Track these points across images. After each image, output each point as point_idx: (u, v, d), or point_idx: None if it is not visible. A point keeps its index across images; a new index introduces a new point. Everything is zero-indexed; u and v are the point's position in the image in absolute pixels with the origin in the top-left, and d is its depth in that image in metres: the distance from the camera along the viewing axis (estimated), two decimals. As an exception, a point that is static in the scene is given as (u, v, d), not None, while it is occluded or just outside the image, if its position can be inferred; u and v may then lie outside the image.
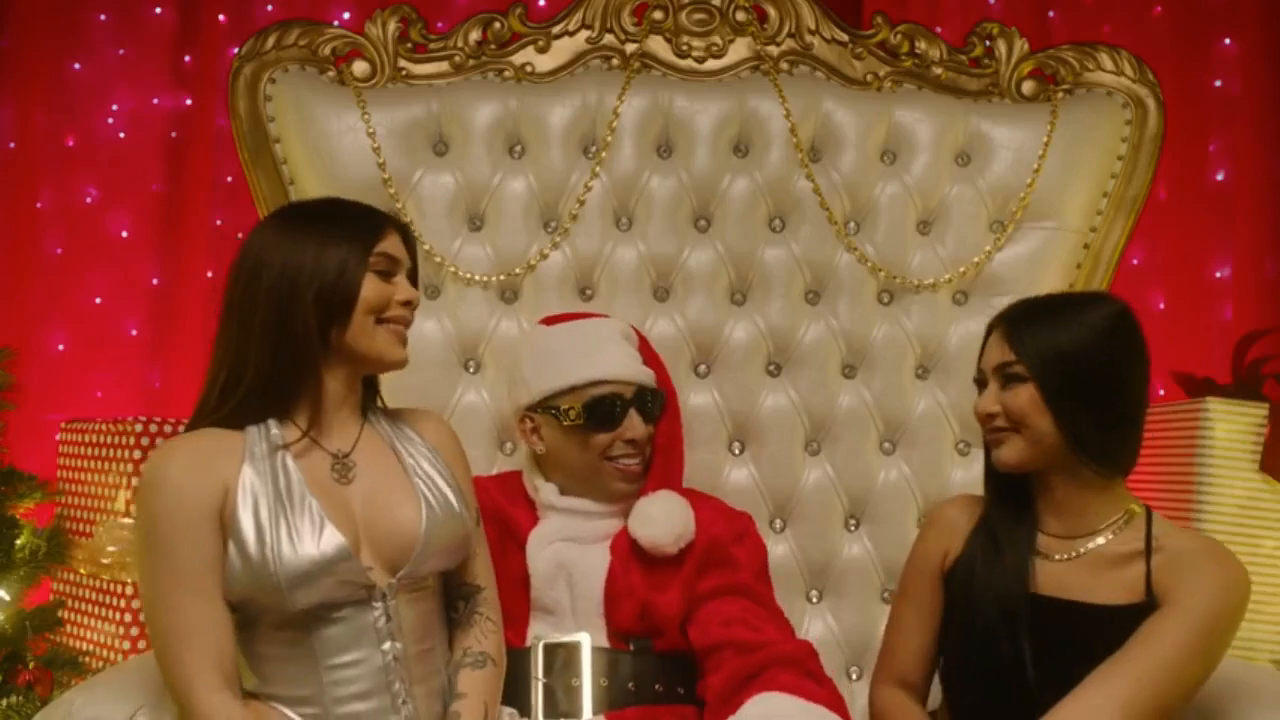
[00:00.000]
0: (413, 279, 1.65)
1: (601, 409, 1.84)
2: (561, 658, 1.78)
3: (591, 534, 1.88)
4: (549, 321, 2.03)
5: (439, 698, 1.61)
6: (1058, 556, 1.68)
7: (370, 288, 1.55)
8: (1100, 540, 1.67)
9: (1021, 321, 1.68)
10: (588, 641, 1.79)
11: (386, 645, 1.53)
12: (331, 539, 1.48)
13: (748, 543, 1.93)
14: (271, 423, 1.54)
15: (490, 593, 1.71)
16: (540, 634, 1.81)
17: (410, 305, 1.61)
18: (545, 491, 1.90)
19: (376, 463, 1.60)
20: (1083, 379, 1.62)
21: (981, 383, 1.72)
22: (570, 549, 1.85)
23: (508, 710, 1.72)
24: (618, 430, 1.85)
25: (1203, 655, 1.58)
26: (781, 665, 1.73)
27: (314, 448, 1.56)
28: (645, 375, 1.90)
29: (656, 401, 1.91)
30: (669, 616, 1.82)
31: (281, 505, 1.48)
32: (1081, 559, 1.67)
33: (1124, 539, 1.67)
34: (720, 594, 1.83)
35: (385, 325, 1.58)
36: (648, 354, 1.97)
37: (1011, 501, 1.74)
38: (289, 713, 1.51)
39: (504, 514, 1.89)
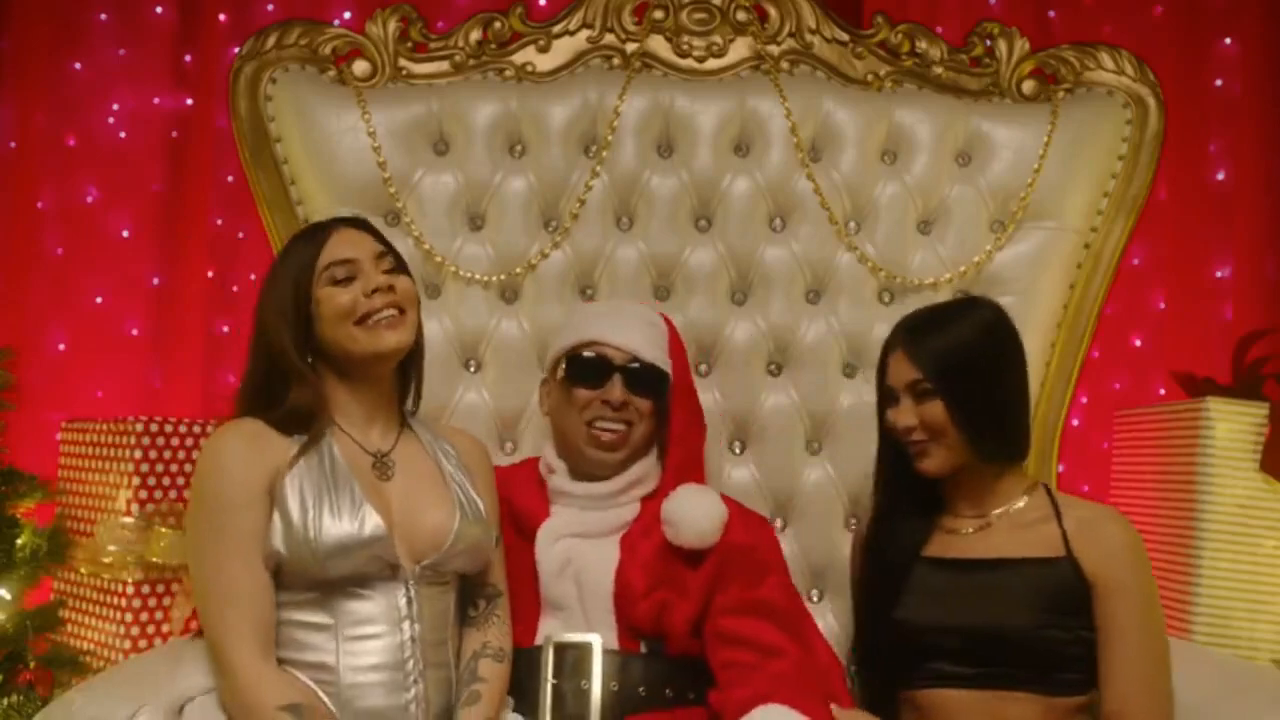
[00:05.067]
0: (400, 263, 1.70)
1: (587, 366, 1.87)
2: (572, 658, 1.77)
3: (600, 526, 1.87)
4: None
5: (446, 688, 1.66)
6: (967, 530, 1.82)
7: (329, 303, 1.62)
8: (1007, 507, 1.81)
9: (920, 339, 1.80)
10: (599, 643, 1.77)
11: (406, 626, 1.59)
12: (370, 519, 1.57)
13: (766, 548, 1.92)
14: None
15: (506, 599, 1.78)
16: (551, 632, 1.80)
17: (380, 291, 1.63)
18: (559, 474, 1.90)
19: (415, 465, 1.70)
20: (974, 383, 1.76)
21: (890, 397, 1.82)
22: (578, 544, 1.85)
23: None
24: (599, 390, 1.85)
25: (1160, 624, 1.76)
26: (795, 685, 1.70)
27: (355, 447, 1.65)
28: (648, 350, 1.90)
29: (652, 378, 1.89)
30: (682, 622, 1.81)
31: (326, 485, 1.57)
32: (992, 527, 1.80)
33: (1031, 507, 1.81)
34: (740, 612, 1.81)
35: (364, 324, 1.62)
36: (674, 346, 1.96)
37: (913, 494, 1.85)
38: (308, 680, 1.56)
39: (515, 506, 1.88)
